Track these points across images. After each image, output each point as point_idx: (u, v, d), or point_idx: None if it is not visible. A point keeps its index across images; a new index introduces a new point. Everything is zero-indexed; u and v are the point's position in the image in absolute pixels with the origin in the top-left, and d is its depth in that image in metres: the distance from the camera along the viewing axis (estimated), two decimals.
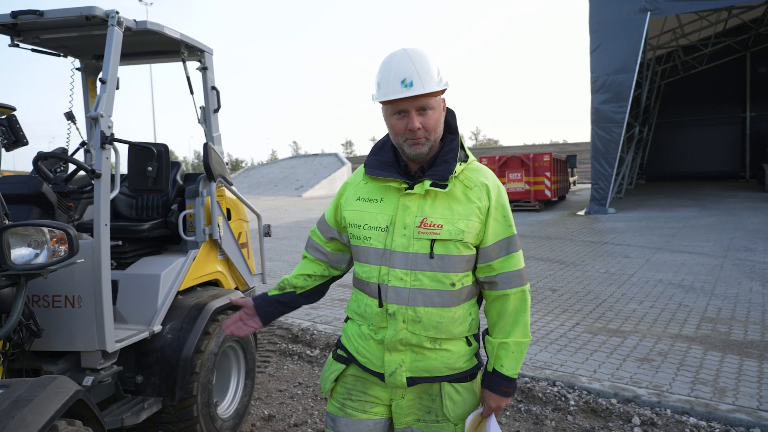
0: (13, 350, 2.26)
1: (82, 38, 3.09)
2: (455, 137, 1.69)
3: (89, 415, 1.94)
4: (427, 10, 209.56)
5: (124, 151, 2.58)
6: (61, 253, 2.09)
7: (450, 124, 1.70)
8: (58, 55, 3.40)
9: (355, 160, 43.05)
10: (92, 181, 2.55)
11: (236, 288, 3.73)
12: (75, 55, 3.50)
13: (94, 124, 2.48)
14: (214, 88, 3.63)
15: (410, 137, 1.58)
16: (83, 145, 3.42)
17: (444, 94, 1.65)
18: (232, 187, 3.66)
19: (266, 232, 4.22)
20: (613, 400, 3.69)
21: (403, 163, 1.69)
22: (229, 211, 3.65)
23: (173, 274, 3.04)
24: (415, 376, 1.64)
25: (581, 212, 15.48)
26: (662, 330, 5.05)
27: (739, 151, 28.26)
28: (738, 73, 26.94)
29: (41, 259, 2.08)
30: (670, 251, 8.98)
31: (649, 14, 14.19)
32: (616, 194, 18.08)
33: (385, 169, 1.67)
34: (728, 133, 28.48)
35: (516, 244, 1.66)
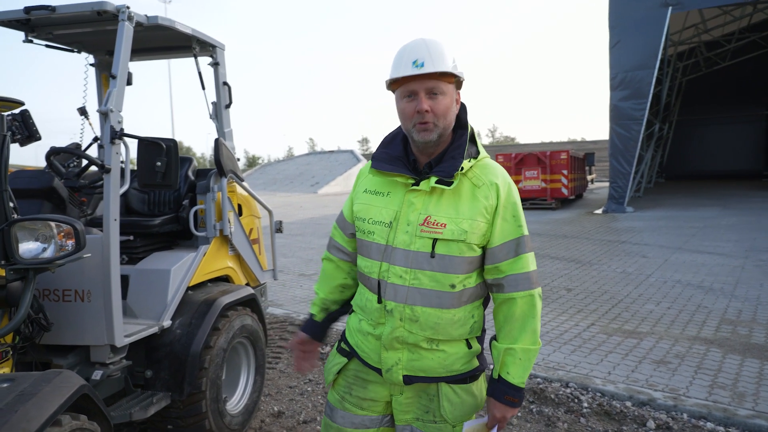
0: (23, 343, 2.28)
1: (95, 34, 3.10)
2: (464, 132, 1.65)
3: (95, 410, 1.95)
4: (445, 7, 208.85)
5: (135, 147, 2.60)
6: (69, 248, 2.10)
7: (461, 119, 1.66)
8: (72, 51, 3.42)
9: (370, 157, 42.92)
10: (102, 176, 2.57)
11: (247, 284, 3.74)
12: (88, 51, 3.53)
13: (105, 119, 2.49)
14: (225, 84, 3.64)
15: (419, 121, 1.55)
16: (96, 140, 3.44)
17: (460, 87, 1.62)
18: (244, 183, 3.66)
19: (278, 228, 4.23)
20: (628, 403, 3.61)
21: (412, 157, 1.66)
22: (240, 206, 3.65)
23: (183, 270, 3.05)
24: (411, 375, 1.62)
25: (598, 211, 15.28)
26: (680, 332, 4.95)
27: (763, 150, 27.71)
28: (762, 70, 26.29)
29: (48, 253, 2.10)
30: (690, 251, 8.80)
31: (670, 9, 13.94)
32: (635, 193, 17.82)
33: (393, 163, 1.64)
34: (751, 132, 27.94)
35: (526, 246, 1.60)
